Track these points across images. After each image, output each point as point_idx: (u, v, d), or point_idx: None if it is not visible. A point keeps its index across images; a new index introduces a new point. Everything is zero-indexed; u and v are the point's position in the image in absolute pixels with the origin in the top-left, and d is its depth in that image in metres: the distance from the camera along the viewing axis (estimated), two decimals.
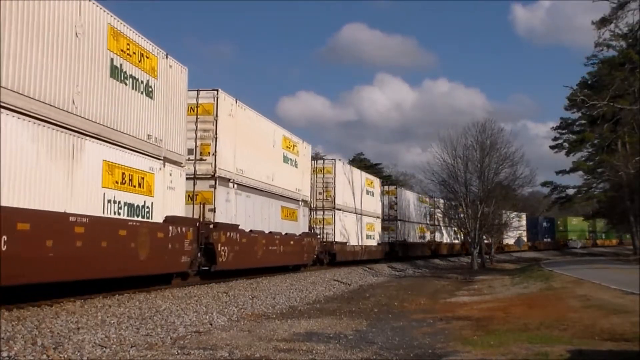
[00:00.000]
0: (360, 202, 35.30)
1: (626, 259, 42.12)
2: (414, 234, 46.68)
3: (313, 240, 27.95)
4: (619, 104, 44.17)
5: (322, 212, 30.61)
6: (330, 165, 31.61)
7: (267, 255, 21.71)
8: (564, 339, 9.39)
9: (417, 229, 47.84)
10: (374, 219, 38.35)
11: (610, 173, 50.46)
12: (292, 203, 25.35)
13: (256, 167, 21.19)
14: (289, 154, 24.95)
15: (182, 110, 16.58)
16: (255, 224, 21.05)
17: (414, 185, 63.69)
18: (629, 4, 41.89)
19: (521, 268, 34.95)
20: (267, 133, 22.74)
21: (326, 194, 30.71)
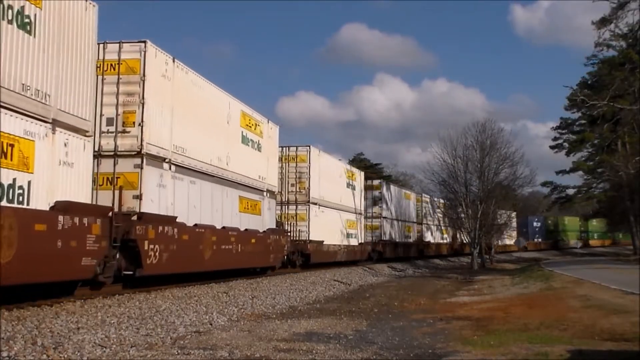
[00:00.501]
0: (340, 196, 31.75)
1: (626, 259, 42.12)
2: (400, 233, 43.48)
3: (282, 239, 23.69)
4: (619, 104, 44.18)
5: (295, 207, 26.93)
6: (304, 152, 27.44)
7: (219, 257, 17.64)
8: (564, 339, 9.39)
9: (404, 227, 44.69)
10: (355, 216, 34.74)
11: (610, 173, 50.47)
12: (254, 193, 21.33)
13: (204, 146, 17.20)
14: (249, 133, 20.92)
15: (89, 56, 12.31)
16: (202, 217, 17.00)
17: (414, 185, 63.68)
18: (629, 4, 41.91)
19: (521, 268, 34.94)
20: (219, 105, 18.54)
21: (299, 186, 26.98)
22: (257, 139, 21.87)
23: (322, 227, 28.45)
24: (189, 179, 16.46)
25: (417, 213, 48.29)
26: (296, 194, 27.16)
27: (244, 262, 20.33)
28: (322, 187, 28.64)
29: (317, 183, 28.08)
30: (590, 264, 33.17)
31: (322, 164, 29.08)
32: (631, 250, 55.50)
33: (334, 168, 31.67)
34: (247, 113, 20.92)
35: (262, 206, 22.10)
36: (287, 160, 27.13)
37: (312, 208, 27.51)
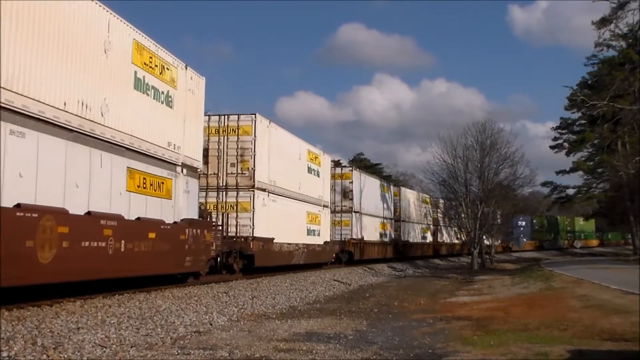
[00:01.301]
0: (299, 183, 25.84)
1: (626, 259, 42.13)
2: (374, 231, 38.00)
3: (206, 234, 17.55)
4: (619, 104, 44.18)
5: (236, 193, 20.98)
6: (249, 122, 21.37)
7: (75, 260, 11.36)
8: (564, 339, 9.39)
9: (379, 224, 39.10)
10: (319, 209, 28.78)
11: (610, 173, 50.48)
12: (160, 167, 15.15)
13: None
14: (148, 75, 14.53)
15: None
16: (41, 194, 10.70)
17: (414, 185, 63.51)
18: (629, 4, 41.92)
19: (521, 268, 34.95)
20: None
21: (242, 166, 21.11)
22: (166, 89, 15.40)
23: (273, 221, 22.36)
24: None
25: (395, 208, 43.32)
26: (237, 177, 21.15)
27: (132, 268, 13.69)
28: (273, 169, 22.57)
29: (265, 163, 22.06)
30: (590, 264, 33.18)
31: (274, 140, 23.06)
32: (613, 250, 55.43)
33: (290, 147, 25.44)
34: (142, 45, 14.31)
35: (173, 187, 15.74)
36: (225, 132, 21.38)
37: (259, 195, 21.30)
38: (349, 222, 33.70)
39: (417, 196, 48.69)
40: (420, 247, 47.98)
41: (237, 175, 21.29)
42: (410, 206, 46.56)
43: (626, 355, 8.16)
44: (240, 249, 20.59)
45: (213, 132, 21.49)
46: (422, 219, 49.18)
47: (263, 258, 21.42)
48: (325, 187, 30.32)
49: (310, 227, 27.49)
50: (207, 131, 20.88)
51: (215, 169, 21.22)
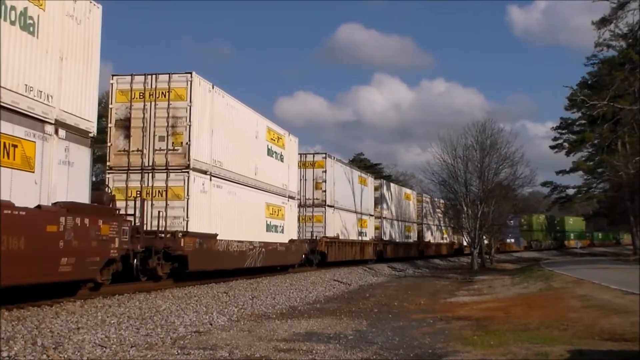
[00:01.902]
0: (254, 167, 21.42)
1: (626, 259, 42.14)
2: (352, 229, 33.72)
3: (103, 227, 12.41)
4: (619, 104, 44.20)
5: (165, 176, 16.67)
6: (182, 84, 16.97)
7: None
8: (564, 339, 9.39)
9: (357, 221, 34.69)
10: (283, 201, 24.50)
11: (610, 173, 50.51)
12: (11, 122, 10.25)
13: None
14: None
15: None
16: None
17: (414, 185, 63.53)
18: (629, 4, 41.92)
19: (521, 268, 34.95)
20: None
21: (173, 140, 16.85)
22: (22, 5, 10.47)
23: (217, 213, 18.20)
24: None
25: (375, 203, 39.06)
26: (167, 154, 16.79)
27: None
28: (217, 146, 18.34)
29: (206, 139, 17.71)
30: (590, 264, 33.18)
31: (220, 110, 18.64)
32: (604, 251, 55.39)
33: (244, 121, 20.70)
34: None
35: (38, 154, 10.92)
36: (153, 96, 17.02)
37: (196, 179, 17.05)
38: (321, 217, 29.35)
39: (399, 191, 45.51)
40: (403, 248, 44.01)
41: (167, 152, 16.81)
42: (392, 202, 42.93)
43: (626, 355, 8.16)
44: (166, 248, 15.76)
45: (137, 97, 17.03)
46: (406, 216, 45.87)
47: (200, 260, 16.74)
48: (292, 174, 25.88)
49: (271, 222, 22.92)
50: (130, 95, 17.02)
51: (139, 144, 16.81)
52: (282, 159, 24.62)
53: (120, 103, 17.17)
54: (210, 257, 17.54)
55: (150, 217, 16.07)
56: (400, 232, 43.98)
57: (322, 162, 29.87)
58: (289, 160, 25.46)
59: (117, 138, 17.05)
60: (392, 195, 43.13)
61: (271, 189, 22.99)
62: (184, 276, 17.23)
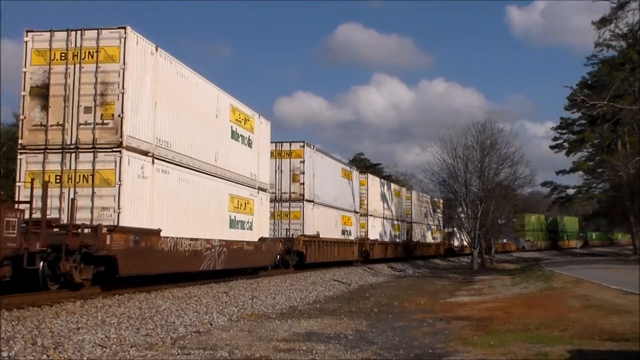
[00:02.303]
0: (215, 151, 18.03)
1: (626, 259, 42.16)
2: (334, 227, 30.34)
3: None
4: (619, 104, 44.17)
5: (92, 157, 13.41)
6: (114, 41, 13.77)
7: None
8: (564, 339, 9.39)
9: (341, 218, 31.29)
10: (252, 193, 21.01)
11: (610, 173, 50.55)
12: None
13: None
14: None
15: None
16: None
17: (414, 185, 63.50)
18: (629, 4, 41.89)
19: (521, 268, 34.95)
20: None
21: (103, 112, 13.53)
22: None
23: (162, 203, 14.86)
24: None
25: (361, 199, 36.07)
26: (95, 130, 13.54)
27: None
28: (163, 123, 14.98)
29: (147, 111, 14.32)
30: (590, 264, 33.18)
31: (164, 78, 15.12)
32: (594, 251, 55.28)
33: (201, 96, 17.26)
34: None
35: None
36: (76, 57, 13.71)
37: (131, 161, 13.73)
38: (299, 213, 25.92)
39: (387, 186, 42.77)
40: (392, 248, 40.94)
41: (94, 127, 13.48)
42: (380, 198, 40.01)
43: (626, 355, 8.17)
44: (84, 247, 12.26)
45: (57, 58, 13.72)
46: (395, 214, 42.65)
47: (135, 262, 13.51)
48: (263, 163, 22.42)
49: (237, 217, 19.38)
50: (48, 56, 13.70)
51: (59, 116, 13.55)
52: (251, 144, 20.98)
53: (37, 66, 13.80)
54: (151, 258, 14.06)
55: (69, 208, 12.73)
56: (388, 231, 40.82)
57: (300, 152, 26.24)
58: (259, 146, 21.86)
59: (32, 110, 13.72)
60: (380, 191, 40.33)
61: (236, 178, 19.59)
62: (115, 282, 13.69)
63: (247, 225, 20.51)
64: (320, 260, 27.66)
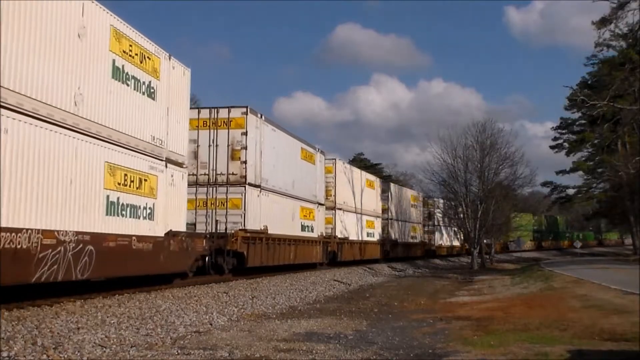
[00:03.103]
0: (78, 94, 11.78)
1: (626, 259, 42.17)
2: (291, 221, 24.46)
3: None
4: (619, 104, 44.17)
5: None
6: None
7: None
8: (564, 339, 9.39)
9: (299, 211, 25.37)
10: (155, 165, 15.09)
11: (610, 173, 50.56)
12: None
13: None
14: None
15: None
16: None
17: (414, 185, 63.39)
18: (629, 4, 41.89)
19: (521, 268, 34.96)
20: None
21: None
22: None
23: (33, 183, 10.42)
24: None
25: (327, 189, 30.51)
26: None
27: None
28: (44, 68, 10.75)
29: (42, 60, 10.65)
30: (590, 264, 33.19)
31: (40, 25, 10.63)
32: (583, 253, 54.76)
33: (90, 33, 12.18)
34: None
35: None
36: None
37: None
38: (239, 202, 19.83)
39: (360, 176, 36.34)
40: (368, 248, 36.13)
41: None
42: (350, 189, 33.96)
43: (626, 355, 8.16)
44: None
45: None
46: (370, 209, 37.29)
47: None
48: (176, 125, 16.02)
49: (121, 200, 13.24)
50: None
51: None
52: (153, 94, 14.84)
53: None
54: None
55: None
56: (360, 228, 35.13)
57: (242, 120, 20.10)
58: (169, 100, 15.64)
59: None
60: (351, 180, 34.16)
61: (123, 140, 13.43)
62: None
63: (143, 213, 14.12)
64: (270, 263, 21.83)
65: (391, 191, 42.90)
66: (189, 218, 18.05)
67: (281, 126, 24.26)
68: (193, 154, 19.62)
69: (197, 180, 19.96)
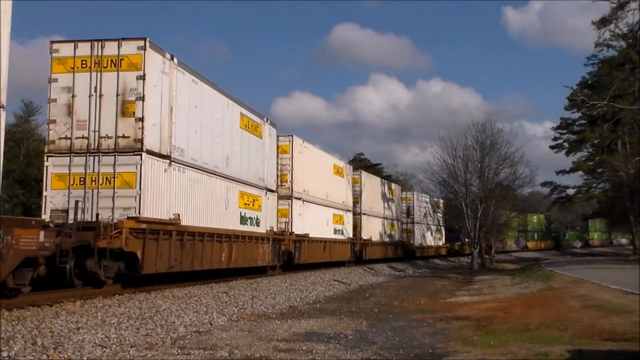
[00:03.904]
0: None
1: (626, 259, 42.19)
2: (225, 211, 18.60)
3: None
4: (619, 104, 44.19)
5: None
6: None
7: None
8: (564, 339, 9.39)
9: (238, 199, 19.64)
10: None
11: (610, 173, 50.54)
12: None
13: None
14: None
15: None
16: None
17: (414, 185, 63.29)
18: (629, 4, 41.91)
19: (521, 268, 34.97)
20: None
21: None
22: None
23: None
24: None
25: (282, 174, 25.46)
26: None
27: None
28: None
29: None
30: (590, 264, 33.20)
31: None
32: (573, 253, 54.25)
33: None
34: None
35: None
36: None
37: None
38: (132, 178, 13.95)
39: (327, 162, 31.01)
40: (337, 248, 30.96)
41: None
42: (314, 175, 27.99)
43: (626, 355, 8.17)
44: None
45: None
46: (338, 201, 31.70)
47: None
48: None
49: None
50: None
51: None
52: None
53: None
54: None
55: None
56: (325, 223, 29.45)
57: (138, 60, 14.24)
58: None
59: None
60: (315, 166, 28.31)
61: None
62: None
63: None
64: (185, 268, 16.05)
65: (362, 180, 36.76)
66: (60, 202, 13.57)
67: (210, 81, 17.82)
68: (66, 107, 14.20)
69: (71, 146, 14.13)
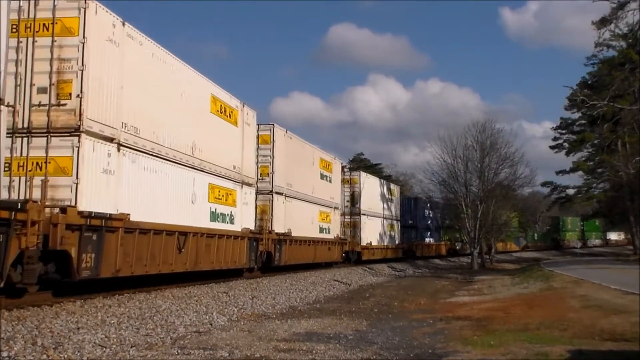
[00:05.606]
0: None
1: (626, 259, 42.19)
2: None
3: None
4: (619, 104, 44.19)
5: None
6: None
7: None
8: (564, 339, 9.39)
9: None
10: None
11: (610, 173, 50.51)
12: None
13: None
14: None
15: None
16: None
17: (413, 186, 63.27)
18: (629, 4, 41.93)
19: (521, 268, 34.97)
20: None
21: None
22: None
23: None
24: None
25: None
26: None
27: None
28: None
29: None
30: (590, 264, 33.20)
31: None
32: None
33: None
34: None
35: None
36: None
37: None
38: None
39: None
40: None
41: None
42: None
43: (626, 355, 8.17)
44: None
45: None
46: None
47: None
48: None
49: None
50: None
51: None
52: None
53: None
54: None
55: None
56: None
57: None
58: None
59: None
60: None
61: None
62: None
63: None
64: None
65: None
66: None
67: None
68: None
69: None
